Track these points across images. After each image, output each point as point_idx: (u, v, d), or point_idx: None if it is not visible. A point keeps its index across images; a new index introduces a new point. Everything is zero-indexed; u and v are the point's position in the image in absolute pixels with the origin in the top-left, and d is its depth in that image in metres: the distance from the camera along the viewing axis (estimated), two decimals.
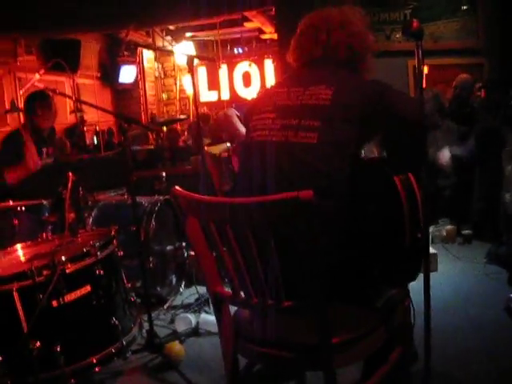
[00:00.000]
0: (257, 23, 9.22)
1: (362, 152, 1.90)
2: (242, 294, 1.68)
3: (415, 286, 2.00)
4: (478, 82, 5.46)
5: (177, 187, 1.69)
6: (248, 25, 9.60)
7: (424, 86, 2.14)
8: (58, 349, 2.35)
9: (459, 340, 2.85)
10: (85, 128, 7.25)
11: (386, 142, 1.87)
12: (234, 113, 5.64)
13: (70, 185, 2.57)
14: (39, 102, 4.01)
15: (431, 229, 4.69)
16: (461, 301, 3.40)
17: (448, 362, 2.62)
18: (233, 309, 1.85)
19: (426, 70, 7.47)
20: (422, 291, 2.32)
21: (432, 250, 3.93)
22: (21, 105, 6.18)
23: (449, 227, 4.73)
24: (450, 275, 3.88)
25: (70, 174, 2.61)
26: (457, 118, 5.16)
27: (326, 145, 1.74)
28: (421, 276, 2.26)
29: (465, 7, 5.95)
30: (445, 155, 4.93)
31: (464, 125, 5.11)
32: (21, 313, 2.34)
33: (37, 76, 2.85)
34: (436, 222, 4.84)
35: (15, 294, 2.33)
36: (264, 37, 10.51)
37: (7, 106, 6.91)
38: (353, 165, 1.75)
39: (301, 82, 1.91)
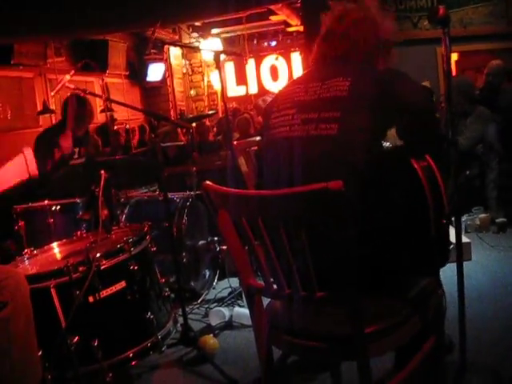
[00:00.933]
0: (282, 16, 9.19)
1: (387, 143, 1.89)
2: (274, 285, 1.70)
3: (449, 276, 2.00)
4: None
5: (208, 182, 1.71)
6: (274, 18, 9.57)
7: (453, 73, 2.12)
8: (96, 343, 2.40)
9: (494, 329, 2.82)
10: (115, 127, 7.37)
11: (400, 130, 1.86)
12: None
13: (102, 183, 2.61)
14: (76, 106, 4.08)
15: (465, 217, 4.64)
16: (495, 290, 3.36)
17: (483, 351, 2.59)
18: (265, 301, 1.86)
19: (455, 56, 7.38)
20: (456, 281, 2.32)
21: (466, 239, 3.89)
22: (52, 106, 6.31)
23: (482, 216, 4.66)
24: (484, 264, 3.83)
25: (103, 171, 2.65)
26: (488, 105, 5.08)
27: (347, 135, 1.75)
28: (455, 265, 2.25)
29: None
30: (491, 131, 4.84)
31: (497, 112, 5.03)
32: (59, 309, 2.39)
33: (67, 77, 2.89)
34: (469, 211, 4.79)
35: (53, 291, 2.39)
36: (290, 29, 10.47)
37: (39, 108, 7.03)
38: (375, 154, 1.75)
39: (318, 77, 1.92)
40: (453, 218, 2.44)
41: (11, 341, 2.14)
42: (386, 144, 1.86)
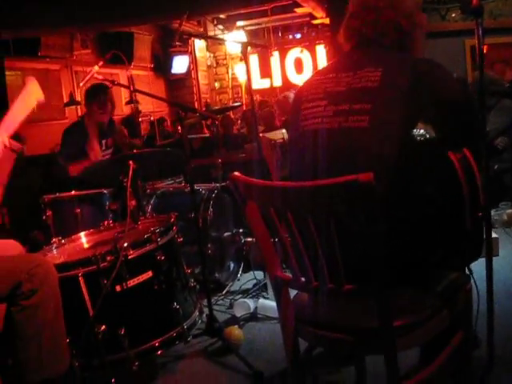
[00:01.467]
0: (308, 8, 9.12)
1: (421, 130, 1.87)
2: (301, 278, 1.69)
3: (477, 271, 1.97)
4: None
5: (236, 173, 1.71)
6: (299, 10, 9.52)
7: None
8: (122, 332, 2.43)
9: None
10: (140, 118, 7.41)
11: (436, 122, 1.84)
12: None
13: (131, 173, 2.63)
14: (97, 95, 4.12)
15: (492, 212, 4.57)
16: None
17: (511, 348, 2.56)
18: (292, 293, 1.86)
19: (484, 49, 7.26)
20: (483, 276, 2.29)
21: (493, 235, 3.84)
22: (78, 98, 6.37)
23: (510, 211, 4.60)
24: (511, 260, 3.78)
25: (131, 162, 2.67)
26: None
27: (379, 127, 1.72)
28: (483, 261, 2.22)
29: None
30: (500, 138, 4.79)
31: None
32: (86, 297, 2.43)
33: (96, 68, 2.92)
34: (497, 206, 4.72)
35: (81, 279, 2.42)
36: (315, 22, 10.40)
37: (65, 100, 7.11)
38: (408, 146, 1.73)
39: (349, 67, 1.89)
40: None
41: (40, 327, 2.17)
42: (420, 131, 1.84)
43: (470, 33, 2.16)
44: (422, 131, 1.84)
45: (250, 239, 3.94)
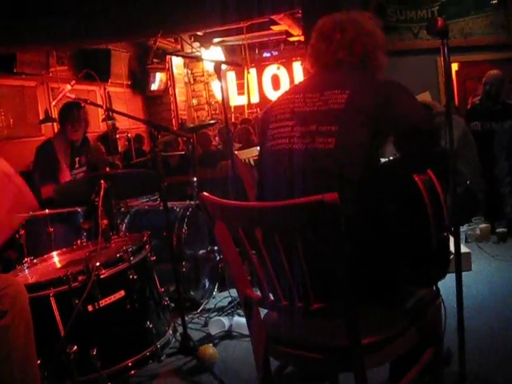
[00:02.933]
0: (284, 26, 9.23)
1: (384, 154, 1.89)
2: (271, 296, 1.70)
3: (449, 286, 1.99)
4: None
5: (204, 193, 1.72)
6: (275, 28, 9.62)
7: (454, 83, 2.12)
8: (95, 352, 2.41)
9: (494, 340, 2.81)
10: (117, 135, 7.39)
11: (399, 146, 1.85)
12: None
13: (102, 192, 2.62)
14: (70, 113, 4.10)
15: (465, 227, 4.64)
16: (496, 300, 3.35)
17: (483, 362, 2.58)
18: (263, 311, 1.87)
19: (456, 66, 7.39)
20: (455, 291, 2.31)
21: (466, 249, 3.89)
22: (54, 115, 6.34)
23: (483, 225, 4.66)
24: (484, 274, 3.83)
25: (102, 181, 2.66)
26: (488, 115, 5.08)
27: (344, 149, 1.75)
28: (454, 276, 2.25)
29: (494, 1, 5.87)
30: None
31: (496, 121, 5.03)
32: (58, 317, 2.41)
33: (68, 87, 2.91)
34: (470, 221, 4.78)
35: (52, 300, 2.40)
36: (292, 39, 10.52)
37: (41, 116, 7.07)
38: (373, 167, 1.76)
39: (316, 88, 1.92)
40: (452, 228, 2.45)
41: (11, 349, 2.14)
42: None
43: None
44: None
45: None
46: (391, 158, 1.89)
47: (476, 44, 5.82)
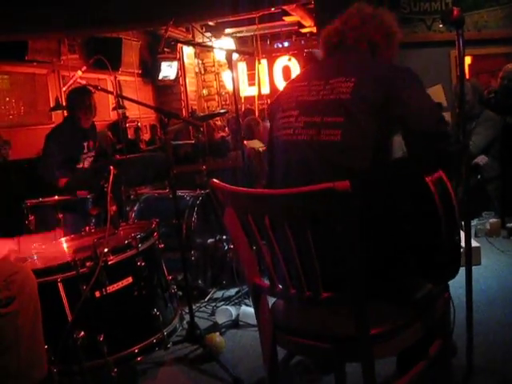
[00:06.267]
0: (296, 17, 9.19)
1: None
2: (279, 285, 1.69)
3: (458, 280, 1.97)
4: None
5: (214, 180, 1.71)
6: (287, 19, 9.58)
7: (467, 76, 2.09)
8: (102, 338, 2.41)
9: (502, 334, 2.79)
10: (127, 124, 7.40)
11: (405, 141, 1.80)
12: None
13: (111, 178, 2.62)
14: (81, 100, 4.11)
15: (475, 222, 4.60)
16: (505, 295, 3.32)
17: (490, 357, 2.56)
18: (271, 300, 1.86)
19: (469, 60, 7.32)
20: (465, 285, 2.30)
21: (475, 244, 3.86)
22: (64, 102, 6.35)
23: (493, 220, 4.62)
24: (493, 269, 3.80)
25: (112, 167, 2.66)
26: (503, 109, 5.03)
27: (350, 141, 1.72)
28: (464, 270, 2.23)
29: None
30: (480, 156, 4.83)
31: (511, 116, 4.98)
32: (65, 303, 2.41)
33: (79, 73, 2.93)
34: (480, 215, 4.75)
35: (60, 285, 2.40)
36: (303, 30, 10.47)
37: (52, 104, 7.08)
38: (381, 162, 1.73)
39: (322, 75, 1.89)
40: (463, 222, 2.43)
41: (19, 334, 2.16)
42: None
43: (455, 43, 2.17)
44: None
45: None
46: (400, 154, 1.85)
47: (490, 37, 5.74)
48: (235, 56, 3.49)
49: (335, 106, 1.77)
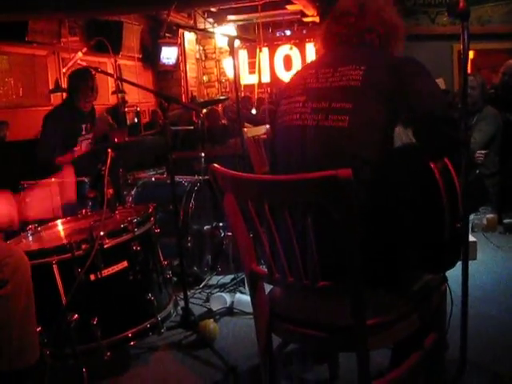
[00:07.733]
0: (299, 6, 9.13)
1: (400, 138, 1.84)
2: (277, 272, 1.68)
3: (453, 274, 1.97)
4: None
5: (215, 164, 1.70)
6: (290, 7, 9.52)
7: (469, 71, 2.07)
8: (95, 322, 2.40)
9: (496, 329, 2.80)
10: (126, 109, 7.36)
11: (415, 130, 1.80)
12: None
13: (108, 161, 2.60)
14: (82, 82, 4.08)
15: (472, 217, 4.60)
16: (500, 290, 3.33)
17: (484, 351, 2.57)
18: (267, 288, 1.85)
19: (471, 54, 7.29)
20: (460, 279, 2.30)
21: (472, 239, 3.86)
22: (64, 84, 6.31)
23: (490, 216, 4.62)
24: (489, 264, 3.80)
25: (109, 150, 2.64)
26: (503, 105, 5.01)
27: (358, 128, 1.71)
28: (459, 264, 2.23)
29: None
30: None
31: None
32: (60, 285, 2.39)
33: (79, 54, 2.89)
34: (477, 210, 4.74)
35: (54, 267, 2.39)
36: (306, 20, 10.42)
37: (51, 86, 7.04)
38: (387, 149, 1.72)
39: (330, 63, 1.88)
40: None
41: (11, 317, 2.15)
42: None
43: (457, 37, 2.15)
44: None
45: (230, 233, 3.92)
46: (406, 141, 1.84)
47: (493, 32, 5.72)
48: (237, 43, 3.46)
49: (344, 92, 1.76)
